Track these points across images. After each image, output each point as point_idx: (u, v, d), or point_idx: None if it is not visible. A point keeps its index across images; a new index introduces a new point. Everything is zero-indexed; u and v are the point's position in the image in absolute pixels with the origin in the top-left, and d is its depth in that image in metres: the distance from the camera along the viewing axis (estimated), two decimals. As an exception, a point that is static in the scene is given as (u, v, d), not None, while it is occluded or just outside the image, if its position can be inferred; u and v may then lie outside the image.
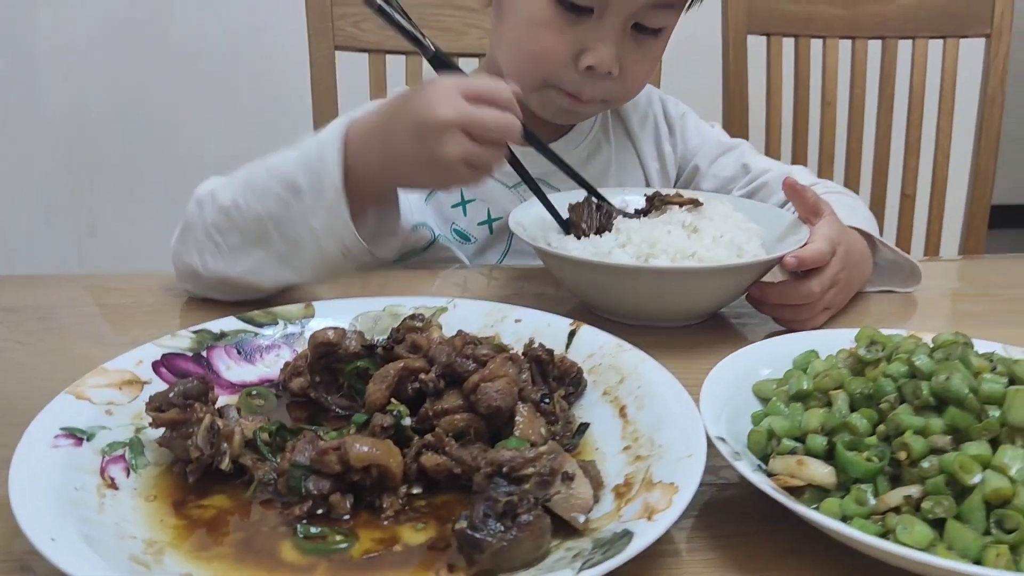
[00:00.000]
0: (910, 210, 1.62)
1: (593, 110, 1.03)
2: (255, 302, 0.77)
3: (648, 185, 1.11)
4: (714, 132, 1.17)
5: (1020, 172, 3.99)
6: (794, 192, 0.83)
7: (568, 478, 0.51)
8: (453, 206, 1.04)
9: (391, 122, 0.74)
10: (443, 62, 0.81)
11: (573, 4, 0.88)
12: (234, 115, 2.07)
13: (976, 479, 0.47)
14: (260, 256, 0.78)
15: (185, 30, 2.00)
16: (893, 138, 1.59)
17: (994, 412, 0.51)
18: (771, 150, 1.57)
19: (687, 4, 0.94)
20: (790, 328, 0.80)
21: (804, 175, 1.10)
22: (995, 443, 0.50)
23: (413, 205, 1.00)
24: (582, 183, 0.90)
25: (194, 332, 0.66)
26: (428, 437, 0.55)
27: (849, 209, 0.94)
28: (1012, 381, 0.53)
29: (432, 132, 0.71)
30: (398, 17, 0.77)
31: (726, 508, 0.56)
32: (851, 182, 1.60)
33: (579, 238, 0.82)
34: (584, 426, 0.61)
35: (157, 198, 2.10)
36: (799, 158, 1.59)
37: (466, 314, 0.71)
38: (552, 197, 0.88)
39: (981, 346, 0.64)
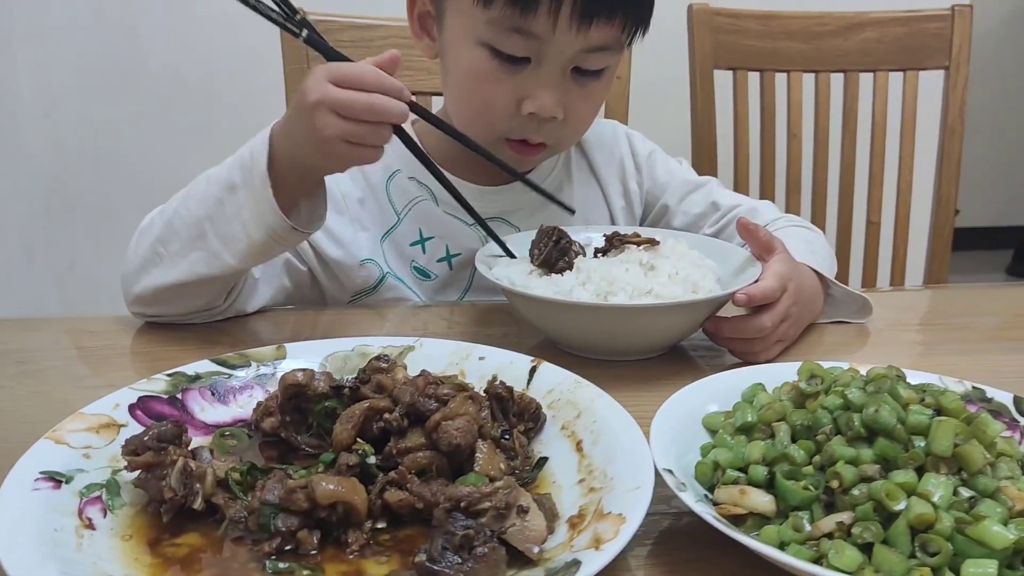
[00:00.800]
0: (875, 237, 1.67)
1: (542, 157, 1.03)
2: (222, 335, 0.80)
3: (613, 222, 1.14)
4: (682, 169, 1.19)
5: (987, 196, 4.09)
6: (747, 231, 0.86)
7: (523, 511, 0.54)
8: (411, 244, 1.05)
9: (290, 111, 0.82)
10: (317, 44, 0.82)
11: (510, 56, 0.90)
12: (211, 155, 2.09)
13: (901, 505, 0.51)
14: (196, 256, 0.84)
15: (163, 72, 2.03)
16: (857, 168, 1.64)
17: (920, 442, 0.54)
18: (739, 181, 1.61)
19: (626, 44, 0.95)
20: (745, 360, 0.83)
21: (770, 210, 1.13)
22: (922, 471, 0.53)
23: (364, 243, 1.03)
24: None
25: (169, 375, 0.69)
26: (392, 474, 0.57)
27: (807, 244, 0.98)
28: (940, 412, 0.57)
29: (305, 115, 0.77)
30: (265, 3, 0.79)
31: (679, 535, 0.59)
32: (817, 211, 1.65)
33: (532, 263, 0.87)
34: (543, 460, 0.64)
35: (137, 235, 2.13)
36: (767, 189, 1.63)
37: (432, 353, 0.75)
38: (514, 236, 0.92)
39: (920, 377, 0.68)
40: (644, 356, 0.85)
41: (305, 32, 0.81)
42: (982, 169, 3.98)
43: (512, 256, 0.91)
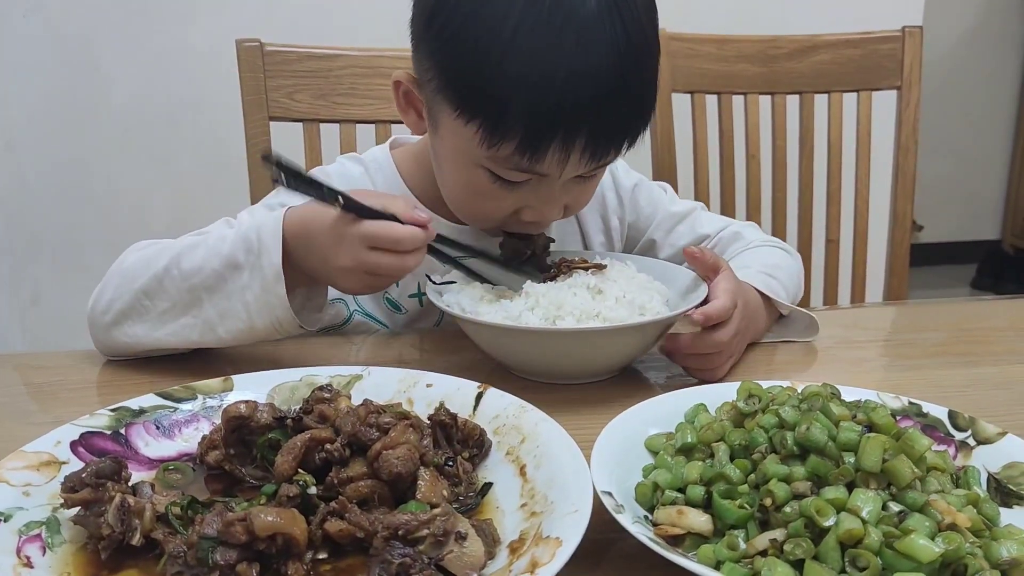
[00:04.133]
0: (835, 255, 1.69)
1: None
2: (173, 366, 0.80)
3: None
4: (666, 199, 1.17)
5: (950, 211, 4.17)
6: (693, 258, 0.87)
7: (461, 537, 0.54)
8: None
9: (311, 252, 0.82)
10: (353, 207, 0.80)
11: (509, 181, 0.87)
12: (174, 185, 2.10)
13: (831, 521, 0.51)
14: (186, 322, 0.85)
15: (124, 104, 2.03)
16: (815, 187, 1.67)
17: (850, 458, 0.55)
18: (700, 201, 1.63)
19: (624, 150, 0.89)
20: (700, 377, 0.84)
21: (754, 231, 1.14)
22: (852, 487, 0.54)
23: None
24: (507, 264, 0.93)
25: (112, 410, 0.68)
26: (332, 504, 0.57)
27: (765, 265, 1.00)
28: (871, 428, 0.58)
29: (336, 273, 0.82)
30: (305, 176, 0.81)
31: (620, 557, 0.59)
32: (778, 231, 1.67)
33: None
34: (487, 486, 0.64)
35: (100, 268, 2.11)
36: (727, 209, 1.65)
37: (380, 381, 0.75)
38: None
39: (858, 393, 0.69)
40: (594, 379, 0.85)
41: (341, 200, 0.80)
42: (944, 185, 4.07)
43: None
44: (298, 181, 0.80)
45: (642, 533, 0.53)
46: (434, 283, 0.90)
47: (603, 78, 0.81)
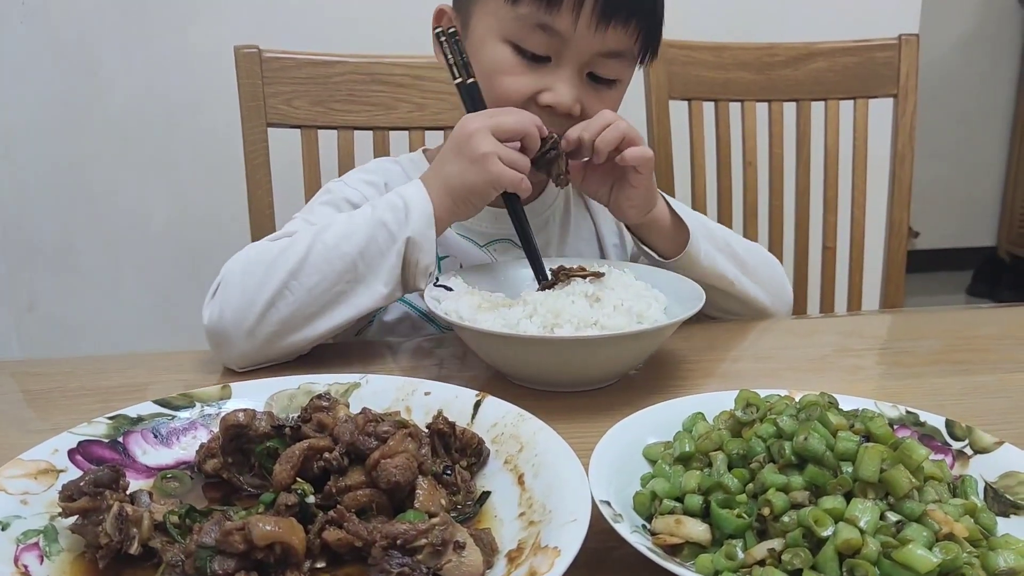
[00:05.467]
0: (832, 262, 1.69)
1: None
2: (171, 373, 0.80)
3: (603, 256, 1.20)
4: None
5: (946, 218, 4.19)
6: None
7: (459, 547, 0.54)
8: None
9: (442, 154, 0.94)
10: (477, 92, 0.97)
11: (532, 53, 0.97)
12: (172, 191, 2.10)
13: (828, 531, 0.52)
14: (340, 289, 0.89)
15: (122, 108, 2.03)
16: (812, 194, 1.67)
17: (848, 468, 0.55)
18: (697, 209, 1.62)
19: (638, 58, 1.03)
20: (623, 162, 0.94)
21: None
22: (850, 497, 0.54)
23: None
24: (530, 249, 0.97)
25: (110, 418, 0.68)
26: (331, 513, 0.57)
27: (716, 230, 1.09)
28: (869, 438, 0.58)
29: (466, 140, 0.91)
30: (457, 48, 0.96)
31: (619, 567, 0.59)
32: (774, 238, 1.67)
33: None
34: (485, 495, 0.64)
35: (97, 273, 2.12)
36: (724, 216, 1.66)
37: (378, 389, 0.75)
38: (519, 258, 0.98)
39: (856, 402, 0.69)
40: (592, 386, 0.85)
41: (470, 80, 0.97)
42: (940, 192, 4.08)
43: (546, 278, 0.95)
44: (455, 43, 0.96)
45: (640, 542, 0.53)
46: (434, 285, 0.92)
47: None
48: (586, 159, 0.97)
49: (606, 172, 0.99)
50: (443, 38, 0.94)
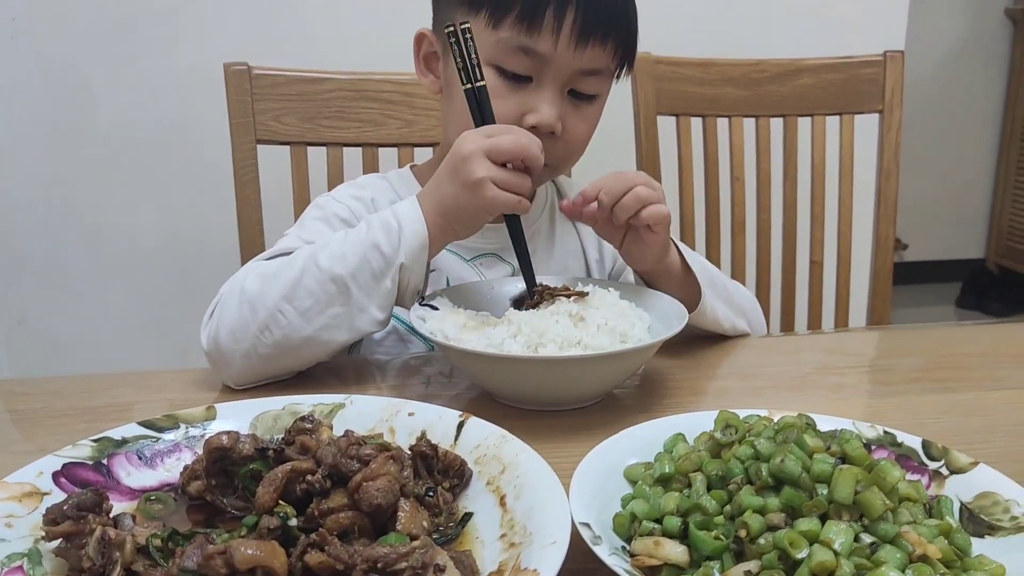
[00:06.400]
0: (819, 277, 1.70)
1: (542, 180, 1.13)
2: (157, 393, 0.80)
3: (588, 272, 1.20)
4: None
5: (935, 230, 4.21)
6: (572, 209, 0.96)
7: (440, 570, 0.54)
8: None
9: (438, 175, 0.93)
10: (479, 99, 0.95)
11: (514, 74, 0.99)
12: (160, 207, 2.10)
13: (803, 553, 0.52)
14: (335, 312, 0.89)
15: (111, 125, 2.04)
16: (799, 209, 1.68)
17: (824, 490, 0.56)
18: (685, 224, 1.65)
19: (615, 73, 1.05)
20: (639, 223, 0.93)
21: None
22: (825, 519, 0.55)
23: None
24: (526, 266, 0.97)
25: (94, 441, 0.69)
26: (313, 536, 0.58)
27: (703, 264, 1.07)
28: (844, 460, 0.59)
29: (460, 163, 0.89)
30: (468, 49, 0.94)
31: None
32: (762, 252, 1.68)
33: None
34: (468, 516, 0.65)
35: (86, 289, 2.12)
36: (712, 231, 1.67)
37: (363, 410, 0.75)
38: (505, 274, 0.99)
39: (834, 423, 0.70)
40: (577, 405, 0.86)
41: (480, 83, 0.95)
42: (929, 204, 4.11)
43: (531, 291, 0.95)
44: (461, 42, 0.93)
45: (619, 564, 0.54)
46: (419, 304, 0.92)
47: None
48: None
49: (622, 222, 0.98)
50: (452, 39, 0.93)
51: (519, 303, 0.94)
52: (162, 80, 2.01)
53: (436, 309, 0.91)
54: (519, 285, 0.97)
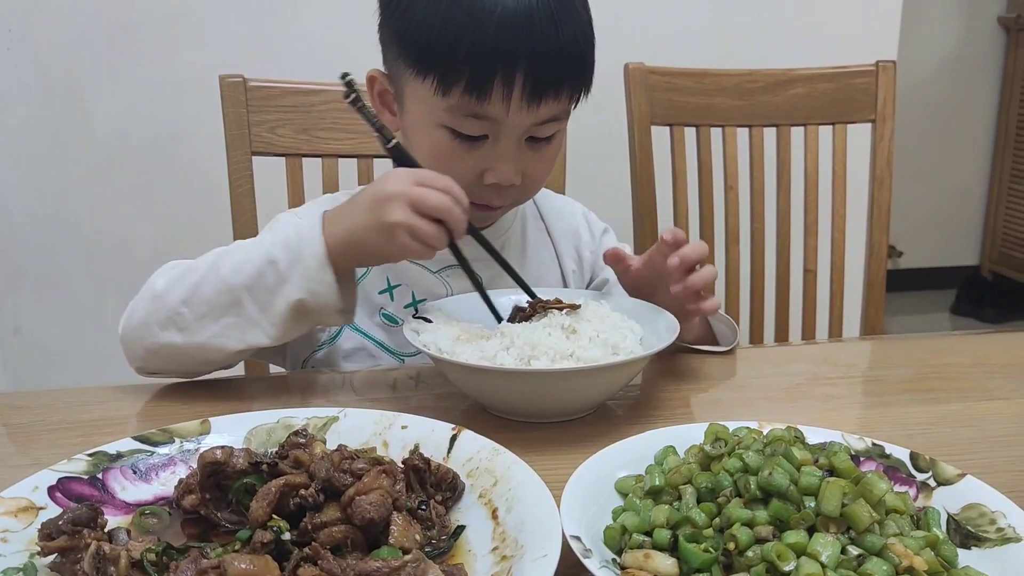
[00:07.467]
0: (813, 285, 1.71)
1: (503, 212, 1.11)
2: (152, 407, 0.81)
3: (564, 282, 1.20)
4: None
5: (929, 237, 4.23)
6: (617, 258, 0.96)
7: (432, 583, 0.55)
8: (380, 292, 1.11)
9: (355, 201, 0.90)
10: (401, 153, 0.94)
11: (469, 136, 0.97)
12: (156, 217, 2.11)
13: (791, 566, 0.53)
14: (228, 322, 0.90)
15: (107, 135, 2.05)
16: (792, 218, 1.69)
17: (811, 503, 0.57)
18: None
19: (572, 109, 1.02)
20: (696, 313, 0.95)
21: None
22: (813, 531, 0.56)
23: None
24: (514, 276, 0.98)
25: (90, 455, 0.69)
26: (306, 550, 0.58)
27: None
28: (832, 472, 0.60)
29: (381, 202, 0.86)
30: (369, 109, 0.92)
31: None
32: (756, 261, 1.69)
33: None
34: (460, 529, 0.65)
35: (82, 298, 2.12)
36: (706, 240, 1.67)
37: (356, 423, 0.76)
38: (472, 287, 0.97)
39: (823, 434, 0.71)
40: (569, 417, 0.86)
41: (393, 141, 0.93)
42: (924, 212, 4.13)
43: (500, 319, 0.96)
44: (362, 107, 0.91)
45: (608, 578, 0.55)
46: (413, 316, 0.93)
47: (535, 18, 0.91)
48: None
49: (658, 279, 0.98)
50: (358, 104, 0.91)
51: (512, 316, 0.95)
52: (158, 91, 2.02)
53: (430, 322, 0.91)
54: (512, 298, 0.98)
